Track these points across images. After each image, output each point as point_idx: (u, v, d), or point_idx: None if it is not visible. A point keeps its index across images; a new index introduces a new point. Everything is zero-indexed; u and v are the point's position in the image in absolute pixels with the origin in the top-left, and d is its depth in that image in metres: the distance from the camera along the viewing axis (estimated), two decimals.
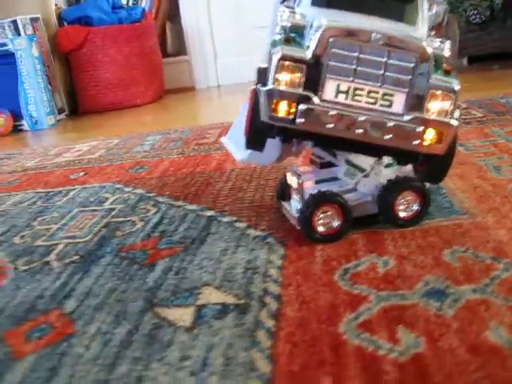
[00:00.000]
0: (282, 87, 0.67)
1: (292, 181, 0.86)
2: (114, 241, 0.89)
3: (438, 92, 0.67)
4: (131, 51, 2.78)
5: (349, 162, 0.82)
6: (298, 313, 0.61)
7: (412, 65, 0.66)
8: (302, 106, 0.67)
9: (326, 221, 0.78)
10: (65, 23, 2.89)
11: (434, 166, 0.74)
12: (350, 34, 0.66)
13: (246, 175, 1.16)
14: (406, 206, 0.80)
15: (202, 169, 1.28)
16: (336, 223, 0.78)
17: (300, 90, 0.67)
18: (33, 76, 2.55)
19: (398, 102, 0.68)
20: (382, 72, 0.66)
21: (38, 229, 1.02)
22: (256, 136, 0.74)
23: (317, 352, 0.54)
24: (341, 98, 0.67)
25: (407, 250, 0.73)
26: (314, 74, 0.66)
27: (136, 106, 2.83)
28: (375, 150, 0.74)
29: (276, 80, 0.67)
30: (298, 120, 0.68)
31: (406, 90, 0.67)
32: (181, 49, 3.29)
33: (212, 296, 0.67)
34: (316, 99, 0.67)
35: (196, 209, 0.99)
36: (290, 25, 0.68)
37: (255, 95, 0.71)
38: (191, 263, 0.77)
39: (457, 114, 0.69)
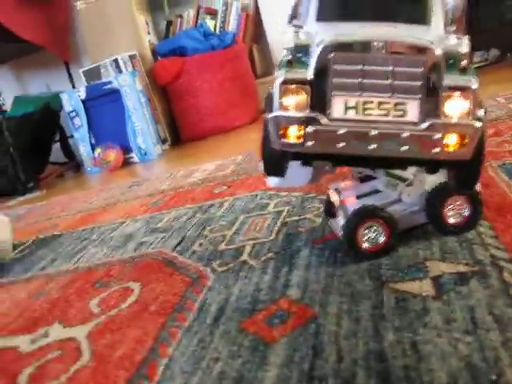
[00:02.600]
0: (288, 112, 0.63)
1: (334, 198, 0.84)
2: (301, 236, 0.90)
3: (453, 93, 0.61)
4: (225, 76, 2.84)
5: (388, 173, 0.78)
6: None
7: (420, 69, 0.60)
8: (309, 129, 0.63)
9: (370, 236, 0.75)
10: (158, 57, 2.98)
11: (463, 172, 0.68)
12: (350, 46, 0.61)
13: None
14: (456, 211, 0.76)
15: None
16: (382, 238, 0.75)
17: (307, 112, 0.63)
18: (139, 109, 2.64)
19: (412, 110, 0.62)
20: (389, 81, 0.61)
21: (212, 236, 1.04)
22: (272, 163, 0.72)
23: None
24: (351, 113, 0.63)
25: None
26: (319, 92, 0.62)
27: (235, 128, 2.88)
28: (397, 163, 0.69)
29: (281, 105, 0.63)
30: (308, 143, 0.64)
31: (419, 96, 0.61)
32: (269, 69, 3.33)
33: (441, 267, 0.67)
34: (324, 119, 0.63)
35: None
36: (293, 45, 0.63)
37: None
38: (398, 244, 0.77)
39: (480, 112, 0.62)
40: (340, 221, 0.82)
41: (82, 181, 2.79)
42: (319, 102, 0.63)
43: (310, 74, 0.62)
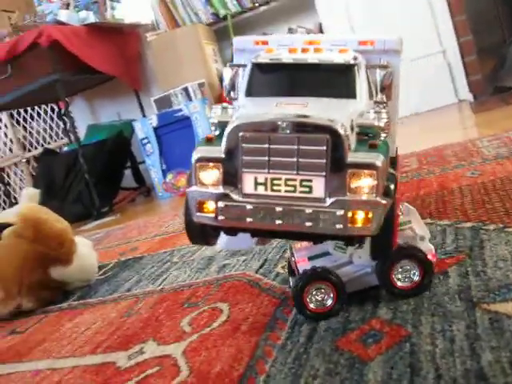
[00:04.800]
0: (203, 188, 0.67)
1: (291, 258, 0.85)
2: None
3: (358, 170, 0.63)
4: None
5: None
6: None
7: (323, 147, 0.63)
8: (220, 204, 0.67)
9: (318, 298, 0.76)
10: None
11: (375, 243, 0.70)
12: (259, 126, 0.65)
13: (481, 189, 1.16)
14: (405, 275, 0.75)
15: (425, 191, 1.29)
16: (329, 301, 0.76)
17: (220, 188, 0.67)
18: None
19: (318, 186, 0.64)
20: (295, 159, 0.64)
21: None
22: (194, 232, 0.75)
23: None
24: (260, 189, 0.66)
25: None
26: (232, 169, 0.66)
27: None
28: (308, 237, 0.71)
29: (197, 180, 0.67)
30: (220, 217, 0.67)
31: (323, 173, 0.64)
32: None
33: None
34: (235, 195, 0.66)
35: (449, 223, 1.00)
36: (216, 121, 0.68)
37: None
38: (486, 266, 0.78)
39: (392, 187, 0.65)
40: None
41: (153, 205, 2.87)
42: (233, 177, 0.66)
43: (223, 152, 0.66)
